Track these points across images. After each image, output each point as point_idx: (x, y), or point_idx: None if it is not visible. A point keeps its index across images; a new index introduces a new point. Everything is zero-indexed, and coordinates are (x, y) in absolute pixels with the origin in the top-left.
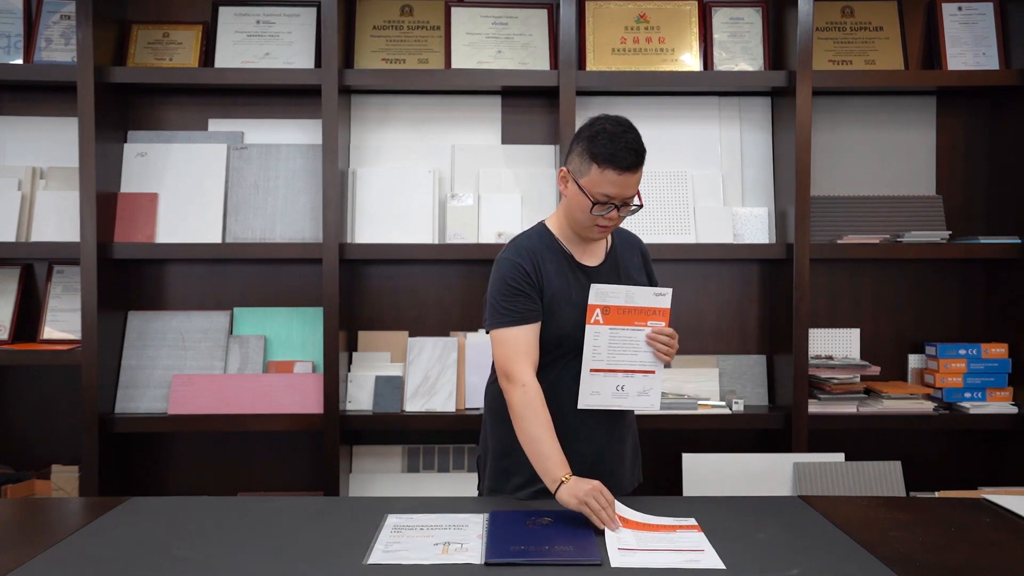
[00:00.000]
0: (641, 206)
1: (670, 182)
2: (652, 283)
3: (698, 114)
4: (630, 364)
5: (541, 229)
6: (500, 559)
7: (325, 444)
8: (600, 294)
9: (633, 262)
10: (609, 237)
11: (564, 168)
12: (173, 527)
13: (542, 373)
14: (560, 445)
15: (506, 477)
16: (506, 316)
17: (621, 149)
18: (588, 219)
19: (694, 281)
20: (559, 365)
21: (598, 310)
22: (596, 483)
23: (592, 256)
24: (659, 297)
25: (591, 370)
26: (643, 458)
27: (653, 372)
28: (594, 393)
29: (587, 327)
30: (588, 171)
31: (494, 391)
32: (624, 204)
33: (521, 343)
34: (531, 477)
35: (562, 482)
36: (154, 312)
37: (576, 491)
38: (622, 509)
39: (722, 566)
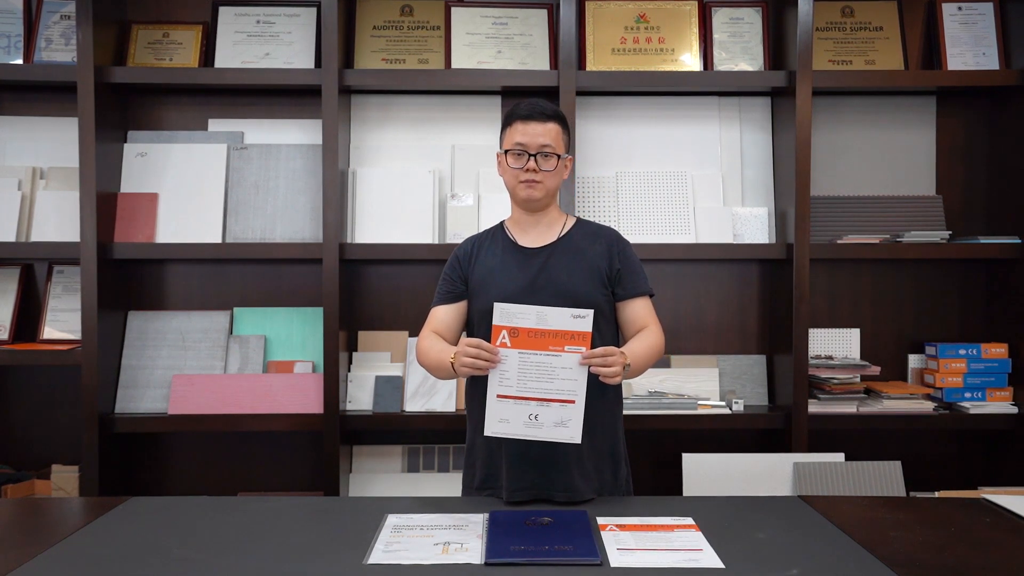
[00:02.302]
0: (560, 159)
1: (670, 182)
2: (617, 275)
3: (698, 114)
4: (544, 392)
5: (497, 224)
6: (500, 559)
7: (325, 444)
8: (505, 314)
9: (593, 250)
10: (567, 224)
11: (499, 151)
12: (173, 527)
13: None
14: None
15: (471, 473)
16: (435, 298)
17: (526, 104)
18: (512, 177)
19: (694, 281)
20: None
21: (504, 332)
22: (462, 340)
23: (538, 240)
24: (578, 320)
25: (497, 396)
26: (643, 458)
27: (572, 402)
28: (502, 421)
29: (491, 369)
30: (504, 135)
31: (467, 391)
32: (542, 154)
33: (433, 320)
34: (486, 475)
35: (451, 363)
36: (154, 312)
37: (457, 361)
38: (617, 518)
39: (721, 565)
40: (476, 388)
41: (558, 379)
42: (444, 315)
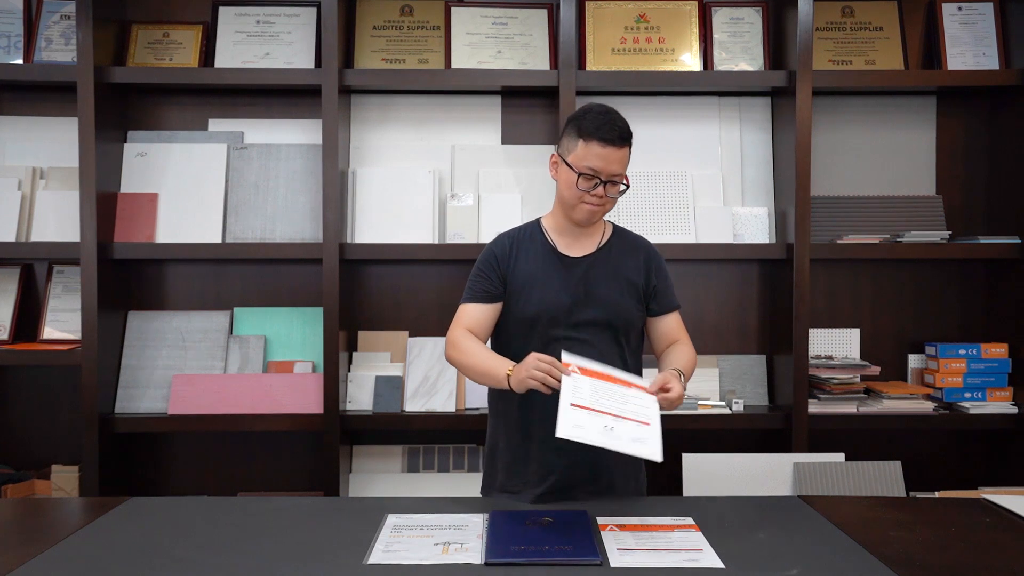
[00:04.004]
0: (628, 187)
1: (670, 182)
2: (653, 291)
3: (698, 114)
4: (619, 411)
5: (533, 222)
6: (500, 559)
7: (325, 444)
8: (572, 356)
9: (630, 263)
10: (605, 233)
11: (555, 153)
12: (173, 527)
13: (522, 357)
14: (542, 443)
15: (516, 474)
16: (466, 295)
17: (606, 124)
18: (575, 196)
19: (694, 281)
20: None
21: (573, 364)
22: (531, 356)
23: (579, 249)
24: (641, 384)
25: (571, 404)
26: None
27: (648, 423)
28: (577, 426)
29: (563, 377)
30: (575, 147)
31: (494, 392)
32: (611, 182)
33: (464, 316)
34: (542, 475)
35: (508, 375)
36: (154, 312)
37: (519, 374)
38: (616, 518)
39: (722, 565)
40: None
41: (631, 403)
42: (479, 315)
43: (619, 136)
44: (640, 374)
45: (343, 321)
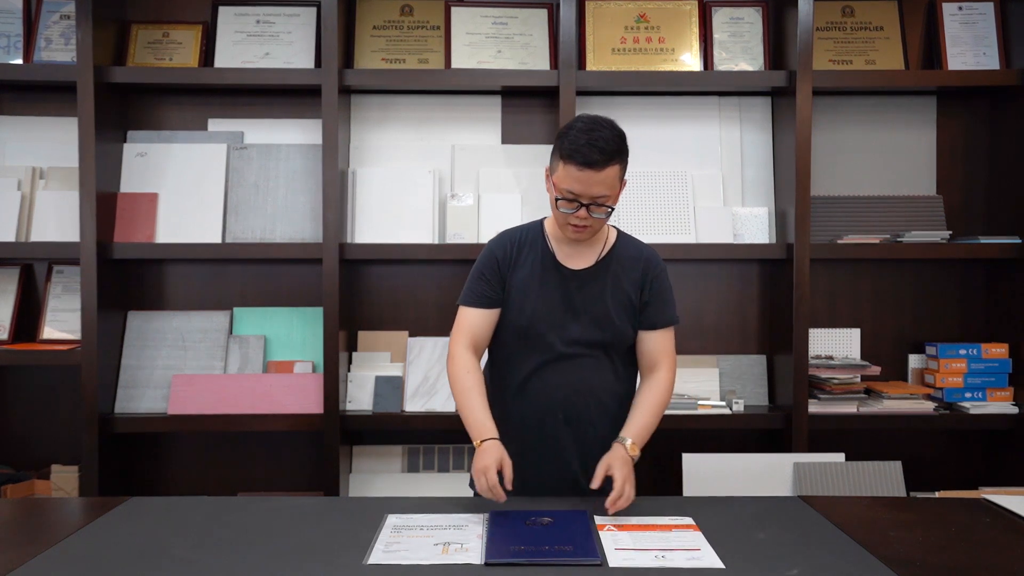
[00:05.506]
0: (613, 209)
1: (670, 182)
2: (644, 305)
3: (698, 114)
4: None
5: (536, 224)
6: (500, 559)
7: (325, 444)
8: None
9: (629, 277)
10: (608, 242)
11: (547, 167)
12: (173, 527)
13: (512, 366)
14: (548, 452)
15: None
16: (466, 296)
17: (584, 145)
18: (560, 217)
19: (694, 281)
20: (528, 361)
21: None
22: (493, 459)
23: (578, 260)
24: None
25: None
26: (643, 458)
27: (698, 549)
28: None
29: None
30: (557, 167)
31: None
32: (595, 204)
33: (465, 321)
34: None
35: (480, 443)
36: (154, 312)
37: (476, 463)
38: (615, 518)
39: (721, 565)
40: (498, 392)
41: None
42: (479, 322)
43: (599, 158)
44: (634, 388)
45: (343, 321)
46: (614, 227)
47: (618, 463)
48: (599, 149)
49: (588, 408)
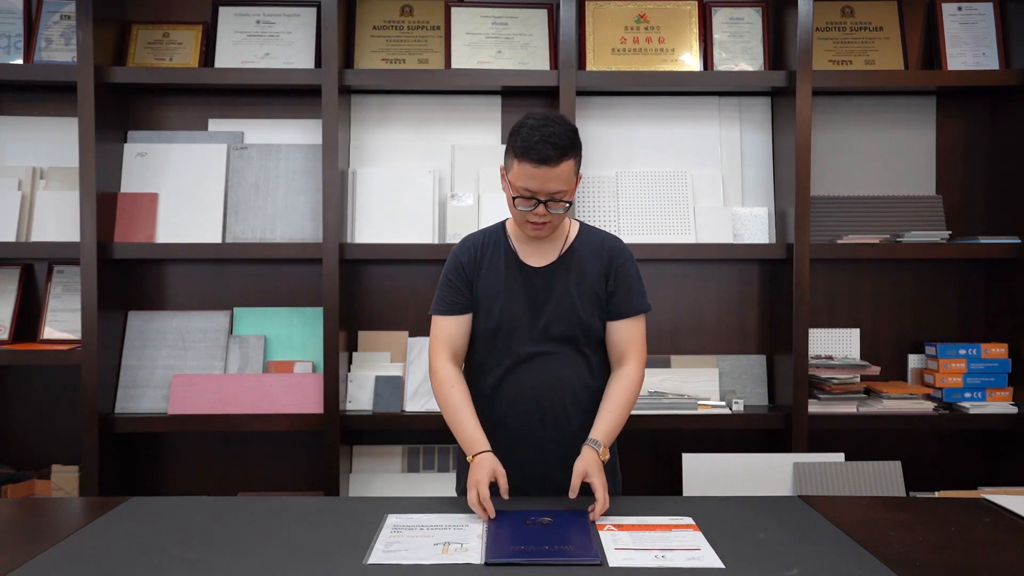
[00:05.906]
0: (570, 203)
1: (670, 182)
2: (609, 295)
3: (698, 114)
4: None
5: (498, 226)
6: (500, 559)
7: (325, 444)
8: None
9: (593, 269)
10: (569, 237)
11: (502, 165)
12: (173, 527)
13: (485, 369)
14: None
15: (464, 476)
16: (438, 305)
17: (537, 142)
18: (517, 215)
19: (694, 281)
20: (500, 363)
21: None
22: (485, 472)
23: (540, 257)
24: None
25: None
26: (643, 458)
27: (698, 549)
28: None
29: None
30: (512, 166)
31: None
32: (552, 200)
33: (441, 332)
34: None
35: (472, 457)
36: (154, 312)
37: (469, 477)
38: (615, 518)
39: (721, 565)
40: (480, 392)
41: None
42: (454, 330)
43: (553, 154)
44: (606, 379)
45: (343, 321)
46: (577, 220)
47: (594, 469)
48: (552, 145)
49: (564, 405)
